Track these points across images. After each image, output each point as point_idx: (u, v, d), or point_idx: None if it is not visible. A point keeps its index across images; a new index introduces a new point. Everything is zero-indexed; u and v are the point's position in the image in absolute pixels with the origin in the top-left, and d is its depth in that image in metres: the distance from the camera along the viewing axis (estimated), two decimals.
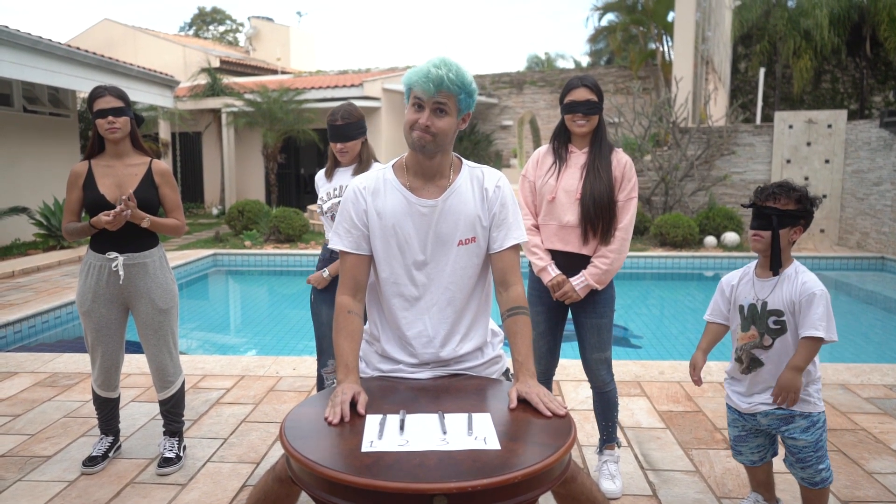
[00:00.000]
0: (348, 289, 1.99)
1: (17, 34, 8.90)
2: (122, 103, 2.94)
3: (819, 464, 2.38)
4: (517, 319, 1.95)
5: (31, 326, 6.17)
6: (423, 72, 1.84)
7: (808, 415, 2.37)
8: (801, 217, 2.31)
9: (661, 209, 11.71)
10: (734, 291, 2.48)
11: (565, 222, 2.73)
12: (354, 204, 1.99)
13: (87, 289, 3.00)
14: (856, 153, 11.08)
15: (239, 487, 2.92)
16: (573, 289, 2.72)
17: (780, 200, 2.30)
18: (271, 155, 14.87)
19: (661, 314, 7.73)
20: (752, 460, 2.55)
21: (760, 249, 2.37)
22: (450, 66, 1.85)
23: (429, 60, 1.87)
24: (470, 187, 2.00)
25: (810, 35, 14.80)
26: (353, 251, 1.99)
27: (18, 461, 3.17)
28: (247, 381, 4.30)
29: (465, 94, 1.88)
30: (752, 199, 2.38)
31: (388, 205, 1.97)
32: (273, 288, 9.53)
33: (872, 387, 4.13)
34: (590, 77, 2.72)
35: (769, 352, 2.37)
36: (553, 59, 30.50)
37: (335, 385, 1.88)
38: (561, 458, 1.54)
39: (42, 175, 11.29)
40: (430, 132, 1.86)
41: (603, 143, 2.74)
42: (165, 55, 20.33)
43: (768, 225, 2.31)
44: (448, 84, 1.84)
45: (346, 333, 1.93)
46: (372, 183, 2.00)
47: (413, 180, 1.98)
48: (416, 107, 1.88)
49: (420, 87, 1.85)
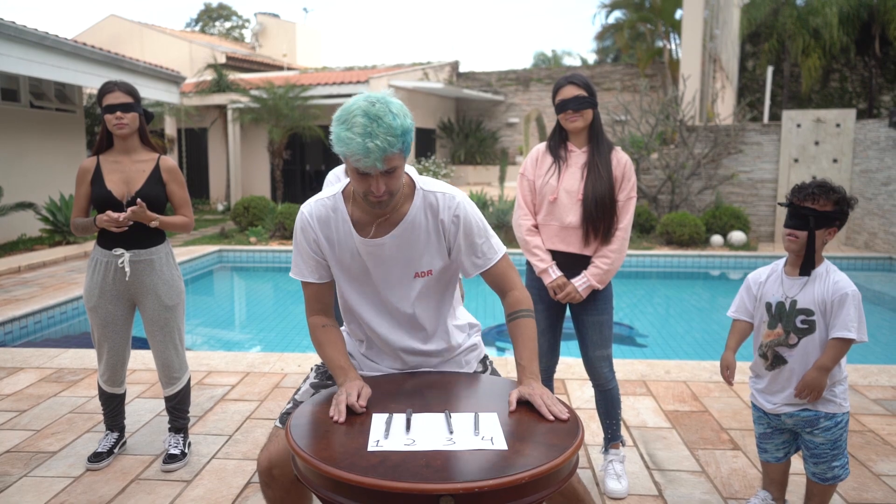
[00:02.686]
0: (316, 311, 1.99)
1: (24, 30, 8.92)
2: (132, 99, 2.93)
3: (833, 461, 2.37)
4: (519, 323, 1.91)
5: (37, 322, 6.19)
6: (358, 148, 1.64)
7: (833, 415, 2.36)
8: (837, 218, 2.26)
9: (667, 208, 11.67)
10: (761, 288, 2.45)
11: (567, 223, 2.72)
12: (304, 233, 1.92)
13: (93, 285, 3.01)
14: (864, 153, 11.02)
15: (244, 484, 2.92)
16: (575, 290, 2.72)
17: (819, 201, 2.24)
18: (277, 151, 14.88)
19: (667, 313, 7.70)
20: (777, 457, 2.53)
21: (794, 249, 2.33)
22: (382, 124, 1.64)
23: (351, 121, 1.65)
24: (424, 219, 1.89)
25: (819, 33, 14.73)
26: (315, 281, 1.96)
27: (24, 457, 3.17)
28: (252, 378, 4.30)
29: (407, 139, 1.71)
30: (790, 198, 2.31)
31: (339, 237, 1.91)
32: (278, 284, 9.53)
33: (880, 388, 4.10)
34: (578, 74, 2.72)
35: (794, 350, 2.34)
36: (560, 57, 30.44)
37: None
38: (568, 458, 1.53)
39: (48, 170, 11.32)
40: (385, 194, 1.75)
41: (601, 140, 2.73)
42: (171, 51, 20.37)
43: (804, 225, 2.26)
44: (391, 149, 1.66)
45: (330, 343, 1.93)
46: (323, 211, 1.91)
47: (361, 216, 1.88)
48: (361, 174, 1.71)
49: (362, 165, 1.67)
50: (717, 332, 6.64)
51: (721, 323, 7.17)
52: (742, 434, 3.42)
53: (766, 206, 11.65)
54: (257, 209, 11.87)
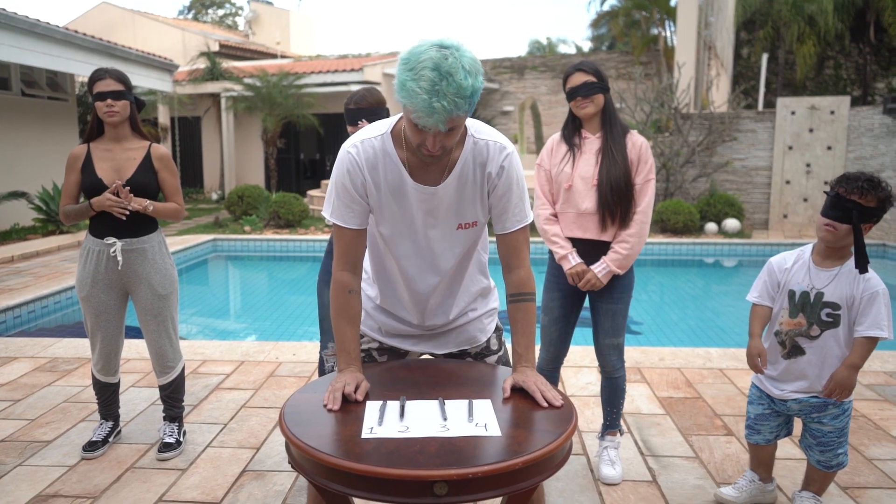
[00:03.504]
0: (347, 264, 1.85)
1: (14, 17, 8.83)
2: (123, 87, 2.91)
3: (839, 448, 2.39)
4: (520, 307, 1.85)
5: (31, 311, 6.17)
6: (423, 105, 1.52)
7: (841, 403, 2.36)
8: (877, 215, 2.21)
9: (661, 195, 11.68)
10: (787, 275, 2.40)
11: (583, 209, 2.70)
12: (351, 175, 1.79)
13: (86, 274, 2.99)
14: (858, 140, 11.03)
15: (239, 472, 2.92)
16: (596, 276, 2.70)
17: (867, 196, 2.18)
18: (271, 140, 14.82)
19: (662, 301, 7.72)
20: (767, 439, 2.54)
21: (830, 241, 2.27)
22: (452, 83, 1.50)
23: (420, 72, 1.51)
24: (472, 168, 1.79)
25: (814, 20, 14.70)
26: (356, 227, 1.83)
27: (18, 446, 3.17)
28: (246, 367, 4.30)
29: (475, 100, 1.58)
30: (835, 189, 2.23)
31: (388, 180, 1.79)
32: (273, 273, 9.52)
33: (873, 373, 4.12)
34: (587, 61, 2.70)
35: (814, 342, 2.33)
36: (555, 45, 30.34)
37: (336, 371, 1.86)
38: (562, 444, 1.53)
39: (41, 159, 11.25)
40: (440, 150, 1.65)
41: (615, 125, 2.71)
42: (164, 39, 20.21)
43: (846, 218, 2.19)
44: (457, 111, 1.54)
45: (347, 317, 1.84)
46: (371, 152, 1.78)
47: (412, 158, 1.76)
48: (419, 128, 1.61)
49: (423, 123, 1.56)
50: (711, 320, 6.66)
51: (715, 310, 7.20)
52: (735, 420, 3.44)
53: (761, 194, 11.67)
54: (251, 198, 11.84)
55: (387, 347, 2.11)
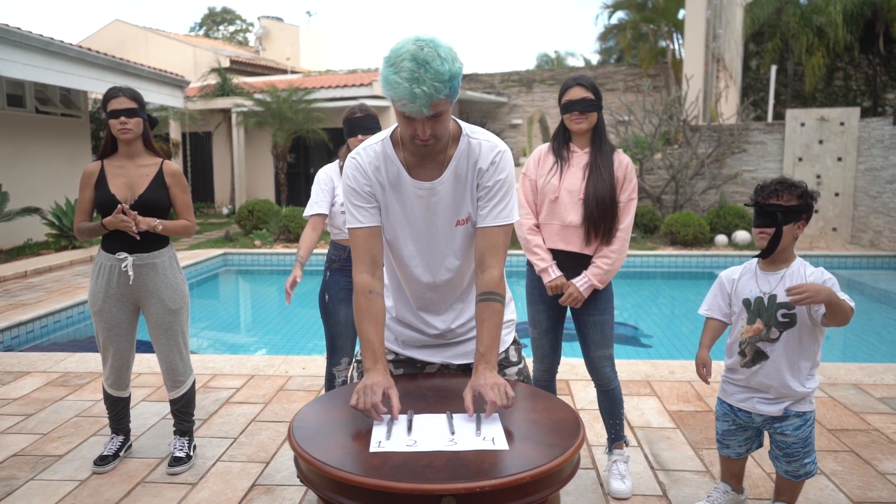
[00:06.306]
0: (366, 265, 1.89)
1: (29, 36, 8.97)
2: (136, 104, 2.96)
3: (805, 458, 2.44)
4: (487, 306, 1.84)
5: (44, 326, 6.22)
6: (405, 93, 1.65)
7: (802, 414, 2.42)
8: (803, 212, 2.34)
9: (671, 208, 11.65)
10: (735, 286, 2.49)
11: (568, 222, 2.73)
12: (357, 180, 1.90)
13: (98, 289, 3.02)
14: (868, 151, 10.98)
15: (249, 487, 2.93)
16: (578, 290, 2.72)
17: (783, 197, 2.33)
18: (281, 154, 14.91)
19: (672, 313, 7.69)
20: (738, 453, 2.60)
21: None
22: (429, 69, 1.63)
23: (399, 65, 1.64)
24: (465, 165, 1.88)
25: (823, 32, 14.68)
26: (367, 224, 1.90)
27: (31, 460, 3.19)
28: (256, 381, 4.31)
29: (455, 85, 1.70)
30: (755, 198, 2.40)
31: (389, 180, 1.90)
32: (283, 287, 9.55)
33: (886, 387, 4.09)
34: (585, 76, 2.75)
35: (775, 345, 2.39)
36: (563, 58, 30.41)
37: (361, 371, 1.86)
38: (570, 458, 1.53)
39: (54, 175, 11.37)
40: (431, 138, 1.76)
41: (604, 142, 2.76)
42: (176, 55, 20.44)
43: (773, 222, 2.34)
44: (438, 95, 1.66)
45: (371, 317, 1.84)
46: (373, 157, 1.90)
47: (410, 158, 1.88)
48: (407, 118, 1.73)
49: (408, 110, 1.68)
50: None
51: None
52: None
53: None
54: (262, 212, 11.90)
55: (403, 359, 2.12)
